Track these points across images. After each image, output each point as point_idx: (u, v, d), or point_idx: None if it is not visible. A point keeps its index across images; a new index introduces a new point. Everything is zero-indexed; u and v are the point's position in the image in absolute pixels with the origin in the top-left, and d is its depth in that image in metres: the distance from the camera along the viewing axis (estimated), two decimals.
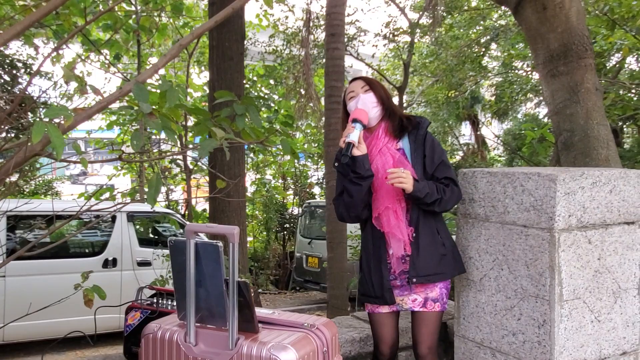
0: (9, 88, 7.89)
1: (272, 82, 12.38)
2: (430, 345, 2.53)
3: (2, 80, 8.16)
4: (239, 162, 4.66)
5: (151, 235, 8.10)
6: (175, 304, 2.46)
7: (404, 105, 14.10)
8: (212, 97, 4.48)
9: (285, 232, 13.31)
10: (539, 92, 12.12)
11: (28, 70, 8.20)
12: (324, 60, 12.60)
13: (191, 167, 11.72)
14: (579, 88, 4.50)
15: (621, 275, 2.43)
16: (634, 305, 2.49)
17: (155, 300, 2.36)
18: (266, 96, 11.21)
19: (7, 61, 8.12)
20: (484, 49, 15.80)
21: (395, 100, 17.20)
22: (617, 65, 10.80)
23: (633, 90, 10.14)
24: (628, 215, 2.44)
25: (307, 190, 14.38)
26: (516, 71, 16.56)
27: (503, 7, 15.69)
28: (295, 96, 9.82)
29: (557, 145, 4.67)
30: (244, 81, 5.80)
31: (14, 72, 8.15)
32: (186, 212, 10.48)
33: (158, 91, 2.90)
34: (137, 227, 7.61)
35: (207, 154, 2.75)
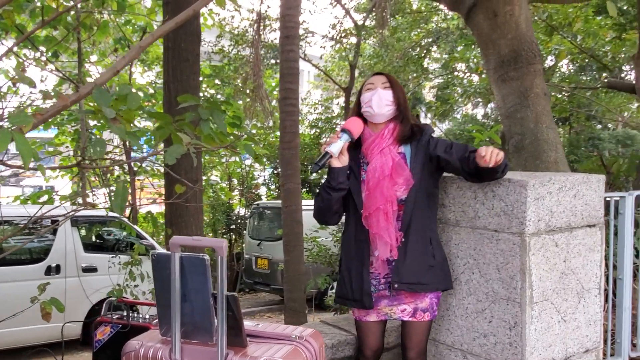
0: None
1: (217, 82, 12.21)
2: (419, 351, 2.49)
3: None
4: (197, 166, 4.57)
5: (97, 240, 7.82)
6: (147, 317, 2.39)
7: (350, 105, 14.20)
8: (168, 99, 4.36)
9: (232, 234, 13.16)
10: (480, 94, 12.49)
11: None
12: (274, 61, 12.60)
13: (135, 169, 11.42)
14: (529, 93, 4.66)
15: (584, 276, 2.53)
16: (596, 304, 2.60)
17: (125, 314, 2.27)
18: (212, 97, 11.04)
19: None
20: (425, 51, 16.15)
21: (341, 100, 17.33)
22: (552, 69, 11.28)
23: (565, 93, 10.61)
24: (590, 219, 2.54)
25: (254, 191, 14.27)
26: (456, 73, 17.00)
27: (445, 11, 16.10)
28: (244, 97, 9.72)
29: (508, 147, 4.82)
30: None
31: None
32: (130, 216, 10.18)
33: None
34: (82, 232, 7.34)
35: (174, 160, 2.67)
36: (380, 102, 2.44)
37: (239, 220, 13.60)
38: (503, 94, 4.83)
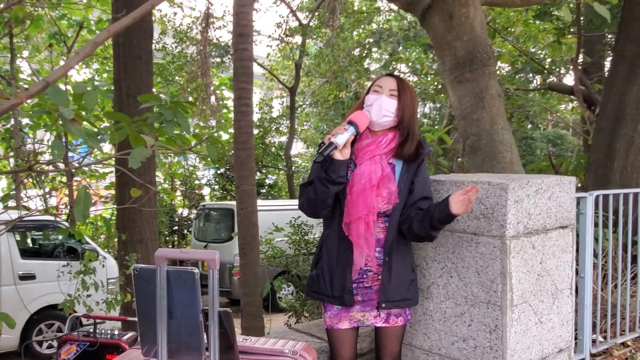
0: None
1: (158, 80, 11.86)
2: (395, 356, 2.47)
3: None
4: (150, 168, 4.37)
5: (35, 246, 7.40)
6: (115, 333, 2.23)
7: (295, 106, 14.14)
8: (119, 97, 4.16)
9: (175, 235, 12.83)
10: (422, 94, 12.70)
11: None
12: (219, 59, 12.36)
13: (73, 170, 10.90)
14: (484, 94, 4.72)
15: (558, 277, 2.56)
16: (568, 304, 2.64)
17: (92, 331, 2.11)
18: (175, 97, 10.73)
19: None
20: (366, 52, 16.32)
21: (284, 100, 17.24)
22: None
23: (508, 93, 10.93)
24: (563, 220, 2.57)
25: (197, 191, 13.97)
26: (396, 73, 17.14)
27: (387, 12, 16.29)
28: (192, 94, 9.46)
29: (464, 148, 4.88)
30: None
31: None
32: (68, 219, 9.71)
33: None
34: (18, 237, 6.92)
35: (139, 164, 2.52)
36: (379, 111, 2.32)
37: (182, 222, 13.29)
38: (459, 95, 4.87)
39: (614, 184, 4.58)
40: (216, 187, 13.89)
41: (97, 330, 2.11)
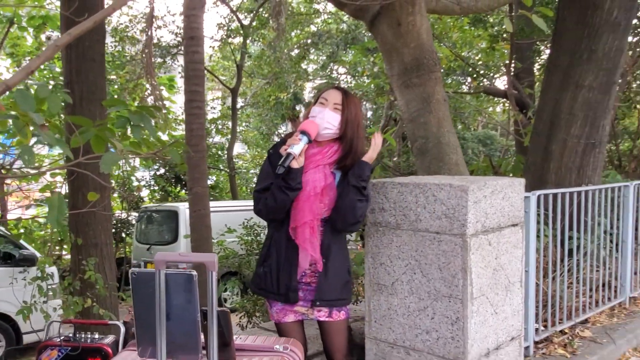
0: None
1: None
2: (344, 352, 2.67)
3: None
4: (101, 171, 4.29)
5: None
6: (96, 336, 2.24)
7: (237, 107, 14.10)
8: (72, 101, 4.08)
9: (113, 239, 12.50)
10: (365, 96, 12.97)
11: None
12: (162, 60, 12.15)
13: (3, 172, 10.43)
14: (431, 99, 4.96)
15: (510, 271, 2.77)
16: (519, 296, 2.86)
17: (72, 335, 2.12)
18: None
19: None
20: (305, 53, 16.50)
21: (222, 100, 17.13)
22: None
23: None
24: (514, 218, 2.79)
25: (136, 193, 13.68)
26: (335, 75, 17.50)
27: (326, 14, 16.49)
28: (137, 95, 9.29)
29: (411, 150, 5.10)
30: None
31: None
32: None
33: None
34: None
35: (110, 169, 2.54)
36: (322, 123, 2.49)
37: (120, 225, 12.99)
38: (407, 99, 5.09)
39: (551, 184, 4.92)
40: (156, 188, 13.66)
41: (77, 335, 2.12)
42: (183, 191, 13.45)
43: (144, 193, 14.35)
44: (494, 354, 2.68)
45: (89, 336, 2.14)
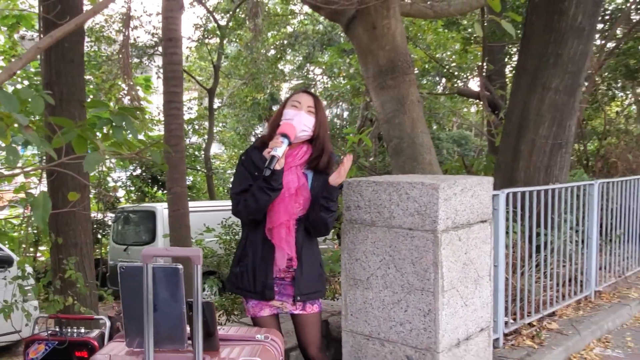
0: None
1: None
2: (318, 345, 2.79)
3: None
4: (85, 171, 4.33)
5: None
6: (82, 330, 2.31)
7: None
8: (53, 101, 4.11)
9: None
10: (341, 97, 13.10)
11: None
12: (138, 60, 12.11)
13: None
14: (405, 100, 5.10)
15: (479, 265, 2.91)
16: (487, 289, 3.00)
17: (58, 330, 2.19)
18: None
19: None
20: (280, 54, 16.58)
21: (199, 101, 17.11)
22: None
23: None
24: (483, 215, 2.93)
25: (112, 194, 13.61)
26: (311, 75, 17.60)
27: (302, 15, 16.58)
28: (113, 95, 9.28)
29: (387, 149, 5.24)
30: None
31: None
32: None
33: None
34: None
35: (94, 169, 2.61)
36: (298, 126, 2.61)
37: (96, 225, 12.91)
38: (382, 100, 5.23)
39: (520, 182, 5.10)
40: (132, 189, 13.60)
41: (64, 329, 2.20)
42: (160, 192, 13.43)
43: (120, 194, 14.28)
44: (464, 344, 2.82)
45: (75, 330, 2.22)
